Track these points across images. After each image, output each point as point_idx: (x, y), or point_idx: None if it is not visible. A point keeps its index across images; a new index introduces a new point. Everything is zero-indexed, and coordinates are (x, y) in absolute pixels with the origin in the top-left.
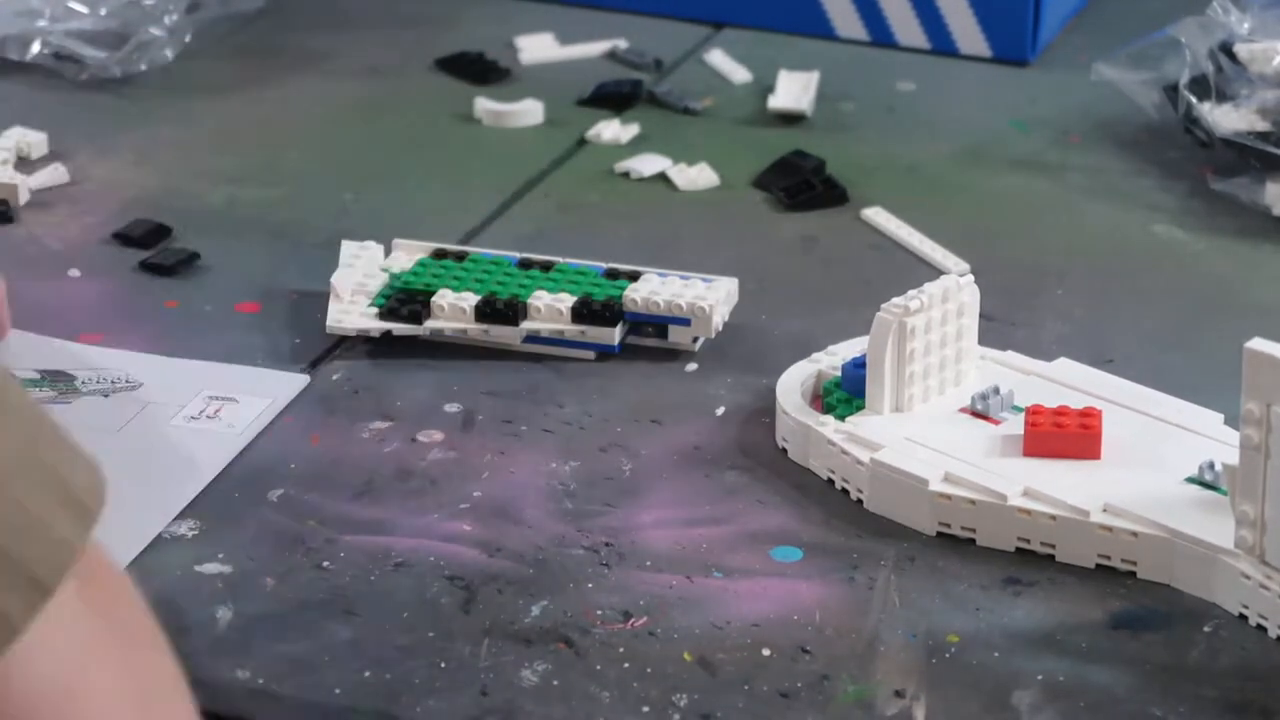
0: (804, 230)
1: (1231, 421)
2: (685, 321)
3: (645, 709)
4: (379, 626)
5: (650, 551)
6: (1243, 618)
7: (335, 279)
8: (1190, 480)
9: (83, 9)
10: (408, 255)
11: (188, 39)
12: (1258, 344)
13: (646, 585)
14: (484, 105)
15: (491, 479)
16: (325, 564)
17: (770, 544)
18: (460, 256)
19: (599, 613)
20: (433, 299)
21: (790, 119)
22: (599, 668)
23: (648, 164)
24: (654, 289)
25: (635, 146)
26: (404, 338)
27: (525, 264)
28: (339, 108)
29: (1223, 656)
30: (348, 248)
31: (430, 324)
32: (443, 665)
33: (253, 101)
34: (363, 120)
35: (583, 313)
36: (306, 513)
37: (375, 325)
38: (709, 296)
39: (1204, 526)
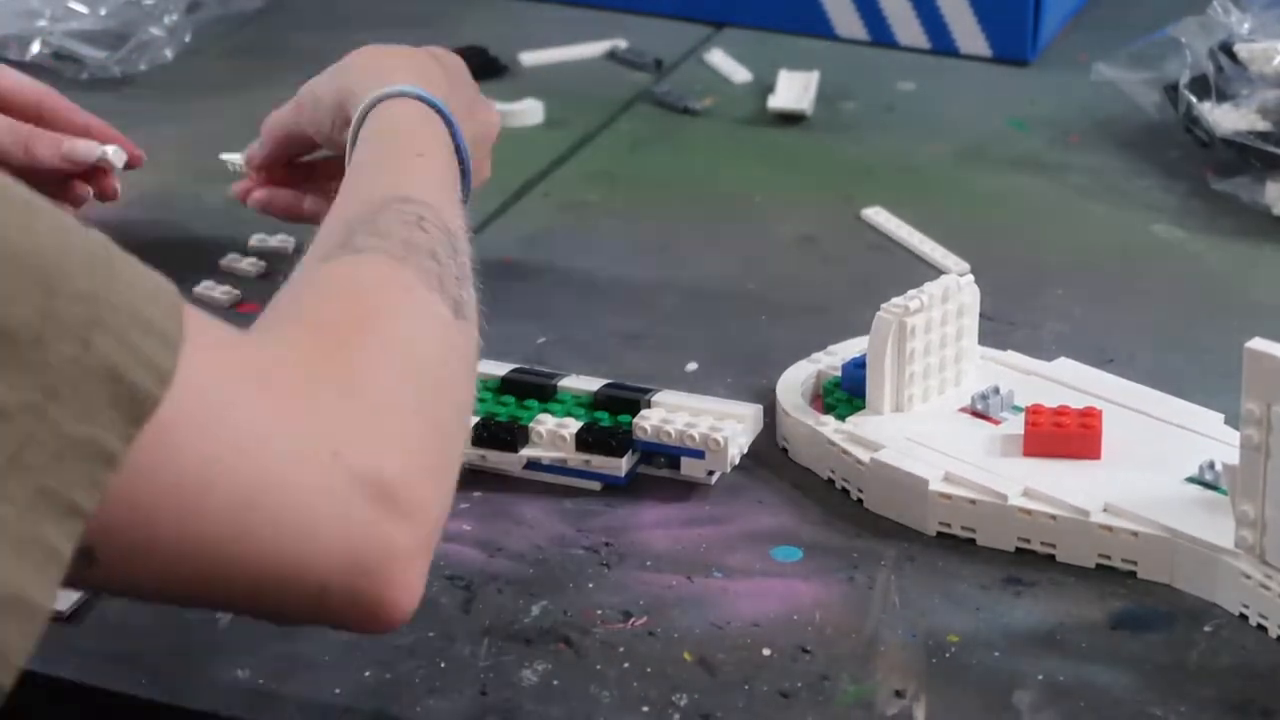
0: (804, 230)
1: (1232, 421)
2: (699, 454)
3: (645, 709)
4: None
5: (650, 551)
6: (1243, 617)
7: None
8: (1190, 480)
9: (83, 9)
10: None
11: (187, 39)
12: (1258, 344)
13: (646, 585)
14: None
15: (492, 478)
16: None
17: (770, 544)
18: None
19: (599, 612)
20: None
21: (790, 119)
22: (599, 667)
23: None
24: (665, 416)
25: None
26: None
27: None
28: None
29: (1223, 656)
30: None
31: None
32: (443, 665)
33: (253, 101)
34: None
35: (587, 440)
36: None
37: None
38: (725, 428)
39: (1204, 526)
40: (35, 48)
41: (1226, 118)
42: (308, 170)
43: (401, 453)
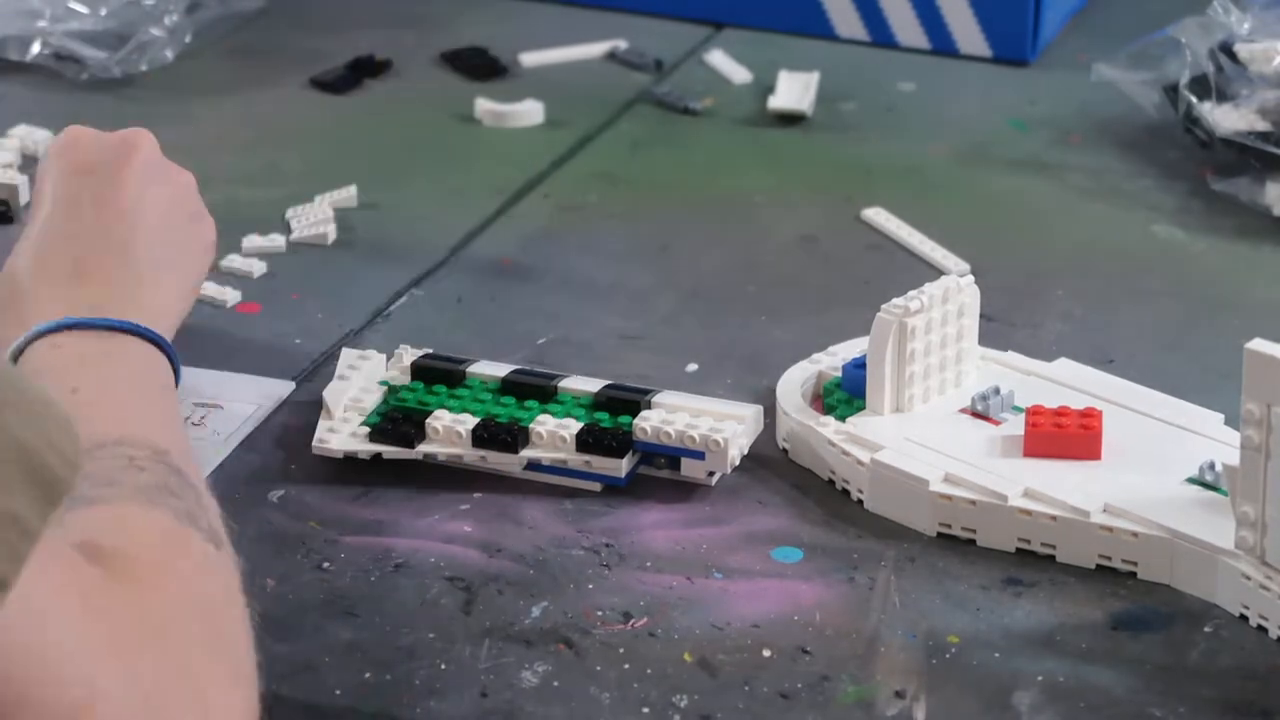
0: (804, 230)
1: (1232, 422)
2: (699, 455)
3: (645, 710)
4: (379, 627)
5: (650, 552)
6: (1243, 618)
7: (327, 393)
8: (1191, 481)
9: (83, 9)
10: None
11: (188, 39)
12: (1258, 344)
13: (647, 586)
14: (484, 106)
15: (492, 479)
16: (326, 565)
17: (770, 544)
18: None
19: (599, 613)
20: (427, 420)
21: (790, 119)
22: (599, 669)
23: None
24: (665, 417)
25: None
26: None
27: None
28: (339, 108)
29: (1223, 657)
30: (346, 357)
31: (423, 448)
32: (443, 666)
33: (253, 101)
34: (363, 120)
35: (588, 441)
36: (307, 513)
37: (364, 448)
38: (725, 429)
39: (1204, 527)
40: (35, 48)
41: (1226, 118)
42: None
43: (202, 702)
